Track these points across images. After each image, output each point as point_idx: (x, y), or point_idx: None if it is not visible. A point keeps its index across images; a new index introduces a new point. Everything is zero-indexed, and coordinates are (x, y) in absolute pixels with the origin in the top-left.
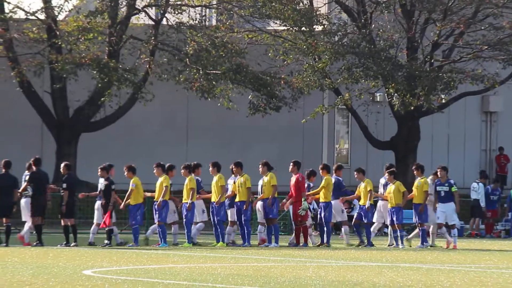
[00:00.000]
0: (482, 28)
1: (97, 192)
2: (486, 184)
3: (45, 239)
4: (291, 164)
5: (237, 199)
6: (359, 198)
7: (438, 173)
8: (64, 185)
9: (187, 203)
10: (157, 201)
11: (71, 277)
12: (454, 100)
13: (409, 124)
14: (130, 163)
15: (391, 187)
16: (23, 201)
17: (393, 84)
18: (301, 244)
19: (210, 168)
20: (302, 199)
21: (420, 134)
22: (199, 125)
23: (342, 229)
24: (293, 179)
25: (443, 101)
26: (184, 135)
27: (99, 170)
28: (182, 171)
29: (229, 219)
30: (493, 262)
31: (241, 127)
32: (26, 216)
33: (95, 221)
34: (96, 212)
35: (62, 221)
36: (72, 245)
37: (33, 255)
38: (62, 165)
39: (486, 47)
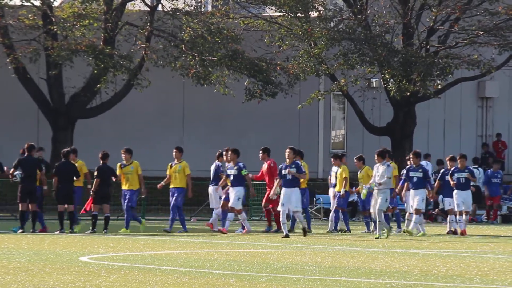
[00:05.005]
0: (478, 13)
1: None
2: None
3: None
4: (260, 151)
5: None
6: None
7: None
8: (96, 173)
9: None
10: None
11: (68, 263)
12: (450, 86)
13: (405, 109)
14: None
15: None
16: (210, 188)
17: (389, 70)
18: (265, 229)
19: (174, 153)
20: (276, 185)
21: (416, 119)
22: (195, 111)
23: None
24: (265, 165)
25: (439, 86)
26: (180, 121)
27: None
28: (124, 155)
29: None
30: (490, 247)
31: (237, 113)
32: (213, 203)
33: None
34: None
35: (92, 208)
36: (66, 231)
37: (29, 241)
38: (100, 154)
39: (482, 32)
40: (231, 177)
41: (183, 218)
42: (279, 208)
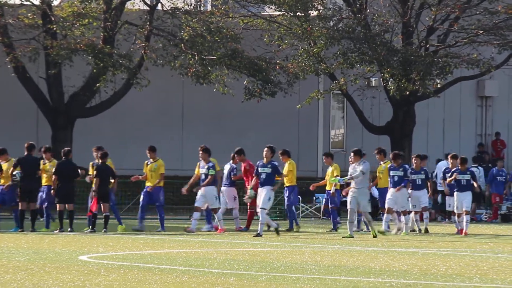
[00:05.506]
0: (477, 12)
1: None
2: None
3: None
4: (236, 155)
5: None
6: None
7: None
8: (95, 173)
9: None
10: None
11: (67, 262)
12: (449, 85)
13: (404, 109)
14: (125, 148)
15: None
16: (223, 189)
17: (388, 69)
18: (243, 227)
19: (148, 154)
20: (249, 188)
21: (415, 119)
22: (194, 110)
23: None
24: (242, 167)
25: (439, 85)
26: (179, 120)
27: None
28: (95, 153)
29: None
30: (489, 246)
31: (236, 112)
32: (228, 204)
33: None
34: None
35: (92, 208)
36: (69, 230)
37: (29, 240)
38: (99, 153)
39: (482, 31)
40: (203, 176)
41: (161, 218)
42: (258, 209)
